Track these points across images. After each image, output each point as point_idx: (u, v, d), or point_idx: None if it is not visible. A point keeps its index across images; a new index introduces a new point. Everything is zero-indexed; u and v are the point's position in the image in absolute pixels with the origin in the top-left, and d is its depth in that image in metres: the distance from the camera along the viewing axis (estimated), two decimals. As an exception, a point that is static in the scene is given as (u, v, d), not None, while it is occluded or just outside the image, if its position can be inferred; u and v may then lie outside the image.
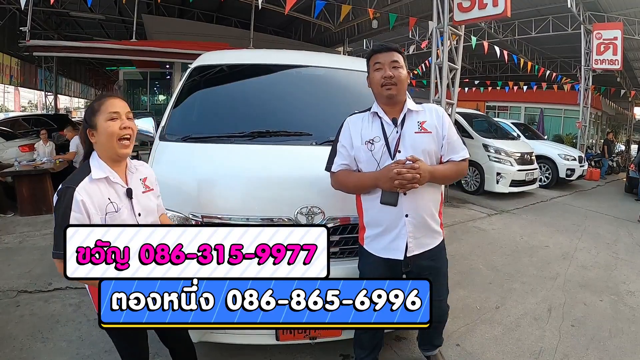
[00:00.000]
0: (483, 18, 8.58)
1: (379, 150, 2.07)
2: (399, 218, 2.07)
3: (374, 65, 2.12)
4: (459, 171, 2.17)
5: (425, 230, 2.13)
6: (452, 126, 2.17)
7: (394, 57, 2.08)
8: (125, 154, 1.70)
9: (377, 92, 2.13)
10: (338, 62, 3.63)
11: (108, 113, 1.63)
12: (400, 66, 2.08)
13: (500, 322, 3.57)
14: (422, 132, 2.08)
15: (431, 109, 2.17)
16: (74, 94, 31.57)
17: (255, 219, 2.25)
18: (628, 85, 23.04)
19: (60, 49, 12.11)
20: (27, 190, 6.60)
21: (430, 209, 2.14)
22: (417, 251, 2.12)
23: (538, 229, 6.79)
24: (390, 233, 2.11)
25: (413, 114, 2.13)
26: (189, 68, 3.34)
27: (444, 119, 2.14)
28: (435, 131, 2.10)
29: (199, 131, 2.75)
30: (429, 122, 2.11)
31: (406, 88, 2.13)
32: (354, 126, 2.17)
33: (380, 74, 2.07)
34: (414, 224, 2.08)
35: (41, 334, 3.10)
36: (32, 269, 4.31)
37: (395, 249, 2.11)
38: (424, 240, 2.14)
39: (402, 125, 2.10)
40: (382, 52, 2.10)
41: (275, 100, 3.10)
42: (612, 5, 14.03)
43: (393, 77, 2.04)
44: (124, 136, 1.66)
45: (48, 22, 17.49)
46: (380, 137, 2.09)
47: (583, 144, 15.10)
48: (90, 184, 1.62)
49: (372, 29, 16.31)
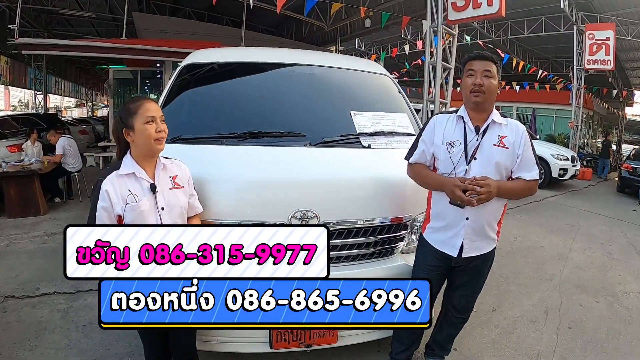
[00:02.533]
0: (477, 17, 8.58)
1: (457, 154, 2.15)
2: (460, 219, 2.18)
3: (467, 71, 2.17)
4: (527, 190, 2.20)
5: (482, 236, 2.23)
6: (530, 146, 2.18)
7: (487, 66, 2.12)
8: (160, 149, 1.86)
9: (465, 97, 2.19)
10: (332, 61, 3.56)
11: (145, 117, 1.79)
12: (492, 76, 2.12)
13: (497, 325, 3.53)
14: (500, 146, 2.13)
15: (513, 125, 2.20)
16: (64, 93, 31.34)
17: (247, 224, 2.16)
18: (620, 85, 23.24)
19: (49, 47, 11.91)
20: (14, 192, 6.48)
21: (490, 219, 2.23)
22: (472, 254, 2.24)
23: (532, 230, 6.79)
24: (451, 230, 2.22)
25: (496, 126, 2.18)
26: (179, 66, 3.25)
27: (523, 138, 2.17)
28: (512, 148, 2.14)
29: (188, 132, 2.65)
30: (508, 138, 2.15)
31: (495, 98, 2.17)
32: (439, 125, 2.25)
33: (471, 80, 2.12)
34: (473, 227, 2.19)
35: (28, 342, 3.02)
36: (20, 274, 4.21)
37: (452, 246, 2.24)
38: (479, 244, 2.25)
39: (484, 134, 2.16)
40: (477, 60, 2.15)
41: (267, 100, 3.01)
42: (605, 6, 14.13)
43: (483, 85, 2.09)
44: (159, 138, 1.83)
45: (38, 20, 17.26)
46: (461, 142, 2.17)
47: (575, 143, 15.20)
48: (117, 177, 1.80)
49: (364, 28, 16.30)
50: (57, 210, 7.04)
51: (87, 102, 38.73)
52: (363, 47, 24.16)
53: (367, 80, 3.45)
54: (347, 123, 2.82)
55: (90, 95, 37.34)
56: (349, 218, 2.27)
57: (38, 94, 19.40)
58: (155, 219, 1.84)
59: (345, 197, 2.29)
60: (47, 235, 5.54)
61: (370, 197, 2.35)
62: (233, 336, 2.27)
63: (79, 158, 7.93)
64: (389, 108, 3.15)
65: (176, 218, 1.92)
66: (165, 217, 1.87)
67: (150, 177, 1.87)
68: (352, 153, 2.64)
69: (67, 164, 7.59)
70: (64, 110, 44.08)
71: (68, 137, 7.89)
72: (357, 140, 2.75)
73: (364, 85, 3.42)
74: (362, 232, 2.33)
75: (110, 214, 1.78)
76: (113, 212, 1.78)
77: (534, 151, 2.20)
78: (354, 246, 2.33)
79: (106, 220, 1.77)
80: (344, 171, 2.42)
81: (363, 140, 2.72)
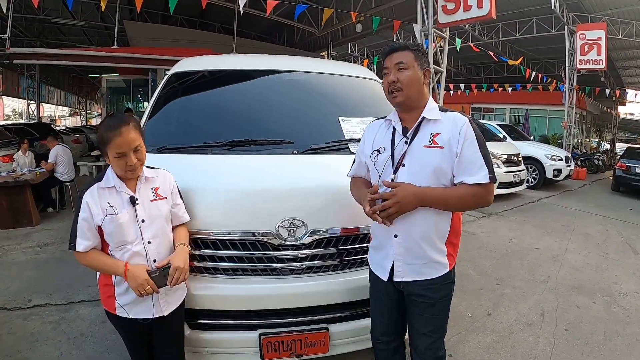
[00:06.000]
0: (468, 20, 8.61)
1: (382, 163, 1.86)
2: (388, 237, 1.86)
3: (383, 70, 1.88)
4: (473, 197, 1.75)
5: (420, 257, 1.83)
6: (474, 142, 1.75)
7: (399, 57, 1.81)
8: (134, 176, 1.87)
9: (389, 101, 1.90)
10: (320, 66, 3.53)
11: (115, 152, 1.78)
12: (407, 67, 1.79)
13: (492, 329, 3.50)
14: (432, 146, 1.76)
15: (450, 119, 1.80)
16: (57, 102, 31.21)
17: (236, 233, 2.14)
18: (612, 85, 23.35)
19: (41, 57, 11.93)
20: (6, 202, 6.45)
21: (429, 236, 1.82)
22: (408, 278, 1.86)
23: (527, 231, 6.79)
24: (382, 250, 1.93)
25: (430, 123, 1.81)
26: (166, 75, 3.23)
27: (462, 132, 1.74)
28: (448, 146, 1.75)
29: (175, 141, 2.62)
30: (443, 134, 1.77)
31: (419, 89, 1.82)
32: (370, 132, 2.01)
33: (386, 80, 1.84)
34: (405, 247, 1.83)
35: (20, 354, 3.01)
36: (11, 285, 4.17)
37: (382, 268, 1.93)
38: (419, 269, 1.85)
39: (413, 136, 1.82)
40: (389, 54, 1.85)
41: (255, 107, 2.98)
42: (596, 6, 14.23)
43: (397, 81, 1.79)
44: (130, 170, 1.82)
45: (30, 29, 17.26)
46: (387, 148, 1.87)
47: (569, 143, 15.26)
48: (98, 190, 1.83)
49: (356, 33, 16.34)
50: (49, 220, 6.99)
51: (80, 111, 38.66)
52: (356, 52, 24.23)
53: (356, 86, 3.42)
54: (336, 129, 2.79)
55: (83, 104, 37.28)
56: (336, 226, 2.23)
57: (31, 103, 19.34)
58: (135, 231, 1.85)
59: (333, 204, 2.25)
60: (40, 246, 5.48)
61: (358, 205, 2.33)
62: (223, 347, 2.24)
63: (72, 168, 7.89)
64: (378, 113, 3.09)
65: (157, 230, 1.92)
66: (146, 229, 1.88)
67: (131, 190, 1.87)
68: (340, 160, 2.60)
69: (60, 173, 7.54)
70: (58, 120, 43.92)
71: (64, 146, 7.87)
72: (346, 146, 2.71)
73: (353, 90, 3.39)
74: (351, 240, 2.29)
75: (90, 224, 1.80)
76: (93, 223, 1.80)
77: (483, 149, 1.76)
78: (343, 254, 2.29)
79: (86, 231, 1.79)
80: (331, 179, 2.37)
81: (351, 147, 2.68)
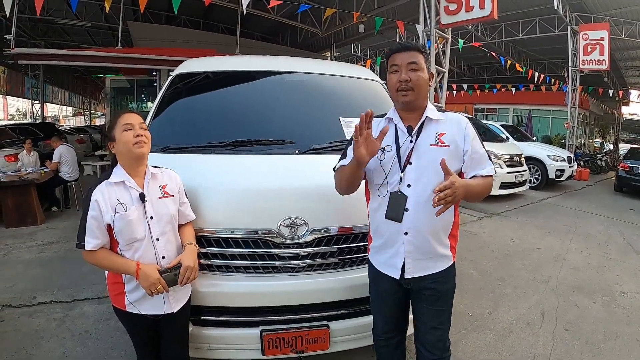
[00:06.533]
0: (470, 21, 8.60)
1: (389, 161, 1.88)
2: (398, 234, 1.88)
3: (390, 67, 1.88)
4: (487, 187, 1.89)
5: (429, 253, 1.90)
6: (477, 139, 1.90)
7: (412, 57, 1.82)
8: (141, 152, 1.86)
9: (393, 97, 1.93)
10: (322, 68, 3.56)
11: (122, 125, 1.84)
12: (420, 68, 1.82)
13: (492, 328, 3.53)
14: (439, 145, 1.83)
15: (453, 119, 1.90)
16: (61, 102, 31.37)
17: (239, 231, 2.18)
18: (615, 85, 23.28)
19: (45, 57, 11.98)
20: (11, 202, 6.52)
21: (437, 231, 1.89)
22: (418, 274, 1.91)
23: (529, 231, 6.80)
24: (390, 248, 1.94)
25: (432, 123, 1.88)
26: (170, 76, 3.27)
27: (467, 132, 1.87)
28: (455, 145, 1.85)
29: (179, 141, 2.67)
30: (448, 134, 1.85)
31: (426, 92, 1.88)
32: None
33: (396, 77, 1.84)
34: (415, 244, 1.87)
35: (25, 350, 3.04)
36: (17, 283, 4.23)
37: (392, 267, 1.94)
38: (427, 264, 1.91)
39: (418, 135, 1.87)
40: (400, 52, 1.85)
41: (257, 108, 3.02)
42: (599, 6, 14.18)
43: (409, 80, 1.80)
44: (137, 142, 1.85)
45: (34, 29, 17.34)
46: (392, 147, 1.89)
47: (572, 144, 15.22)
48: (107, 186, 1.84)
49: (359, 34, 16.32)
50: (54, 219, 7.05)
51: (84, 111, 38.80)
52: (359, 53, 24.21)
53: (358, 87, 3.45)
54: (337, 129, 2.82)
55: (87, 104, 37.42)
56: (337, 225, 2.27)
57: (35, 103, 19.43)
58: (144, 228, 1.86)
59: (334, 204, 2.28)
60: (44, 245, 5.55)
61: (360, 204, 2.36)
62: (225, 343, 2.28)
63: (76, 167, 7.96)
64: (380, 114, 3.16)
65: (165, 227, 1.94)
66: (154, 226, 1.89)
67: (139, 186, 1.89)
68: None
69: (64, 172, 7.61)
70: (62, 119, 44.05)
71: (68, 146, 7.94)
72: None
73: (354, 91, 3.41)
74: (352, 239, 2.33)
75: (100, 222, 1.80)
76: (102, 221, 1.80)
77: (483, 145, 1.93)
78: (343, 252, 2.33)
79: (95, 230, 1.79)
80: (331, 178, 2.40)
81: None
